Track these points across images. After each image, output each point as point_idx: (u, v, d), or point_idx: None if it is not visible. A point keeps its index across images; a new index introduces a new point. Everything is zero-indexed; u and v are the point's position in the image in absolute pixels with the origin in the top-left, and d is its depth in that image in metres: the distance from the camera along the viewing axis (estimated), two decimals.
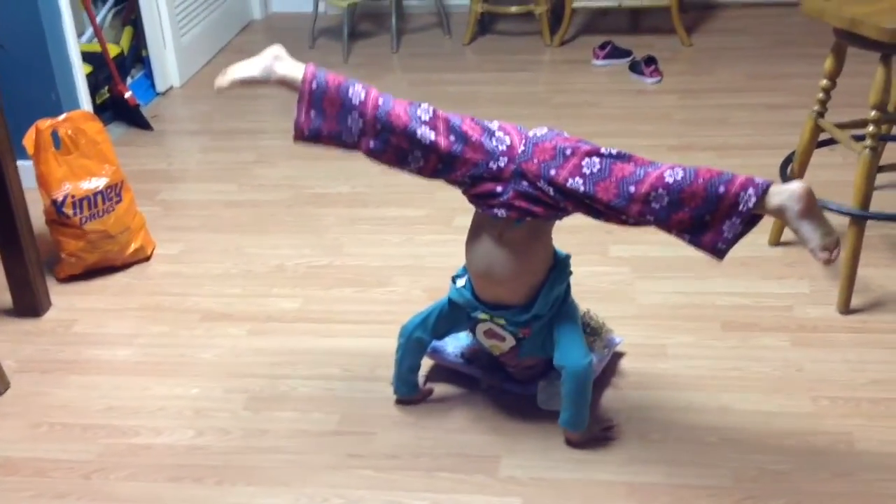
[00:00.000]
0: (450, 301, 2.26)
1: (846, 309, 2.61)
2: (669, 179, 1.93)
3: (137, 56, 4.59)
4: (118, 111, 4.11)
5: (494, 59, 4.83)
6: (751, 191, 1.89)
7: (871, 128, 2.50)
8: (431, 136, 2.00)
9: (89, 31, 4.19)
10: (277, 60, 2.07)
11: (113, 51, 4.13)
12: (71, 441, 2.30)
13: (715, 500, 2.02)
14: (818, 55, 2.74)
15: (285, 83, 2.06)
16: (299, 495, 2.10)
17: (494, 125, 2.07)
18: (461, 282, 2.24)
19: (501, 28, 5.21)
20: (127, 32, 4.50)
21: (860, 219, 2.55)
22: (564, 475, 2.12)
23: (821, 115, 2.70)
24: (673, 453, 2.16)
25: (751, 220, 1.94)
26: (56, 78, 3.59)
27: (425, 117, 2.01)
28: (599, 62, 4.60)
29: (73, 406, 2.42)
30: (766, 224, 2.96)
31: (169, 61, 4.52)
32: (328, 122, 2.03)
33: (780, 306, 2.65)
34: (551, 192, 1.99)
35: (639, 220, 1.98)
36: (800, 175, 2.80)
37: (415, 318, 2.30)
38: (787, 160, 2.85)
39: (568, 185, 1.97)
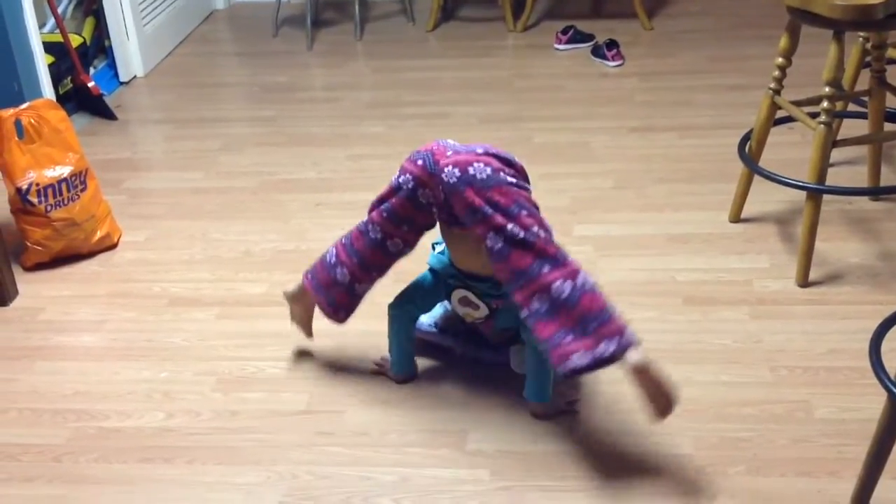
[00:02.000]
0: (430, 268, 2.32)
1: (804, 282, 2.67)
2: (555, 293, 1.99)
3: (100, 46, 4.58)
4: (81, 101, 4.10)
5: (458, 45, 4.85)
6: (613, 345, 1.97)
7: (825, 104, 2.55)
8: (398, 241, 2.21)
9: (51, 21, 4.18)
10: (296, 300, 2.44)
11: (75, 41, 4.11)
12: (40, 426, 2.31)
13: (676, 466, 2.07)
14: (776, 36, 2.78)
15: (308, 298, 2.41)
16: (270, 473, 2.13)
17: (409, 185, 2.11)
18: (440, 248, 2.30)
19: (464, 14, 5.23)
20: (89, 23, 4.49)
21: (816, 193, 2.61)
22: (530, 447, 2.15)
23: (777, 92, 2.75)
24: (635, 424, 2.20)
25: (603, 365, 2.01)
26: (18, 68, 3.58)
27: (379, 235, 2.21)
28: (562, 47, 4.64)
29: (41, 391, 2.43)
30: (727, 200, 3.03)
31: (132, 51, 4.51)
32: (348, 303, 2.34)
33: (739, 280, 2.71)
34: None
35: (519, 306, 2.06)
36: (757, 152, 2.85)
37: (400, 294, 2.36)
38: (746, 138, 2.91)
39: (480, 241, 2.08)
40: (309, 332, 2.49)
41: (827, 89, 2.54)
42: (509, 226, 2.01)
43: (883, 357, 1.81)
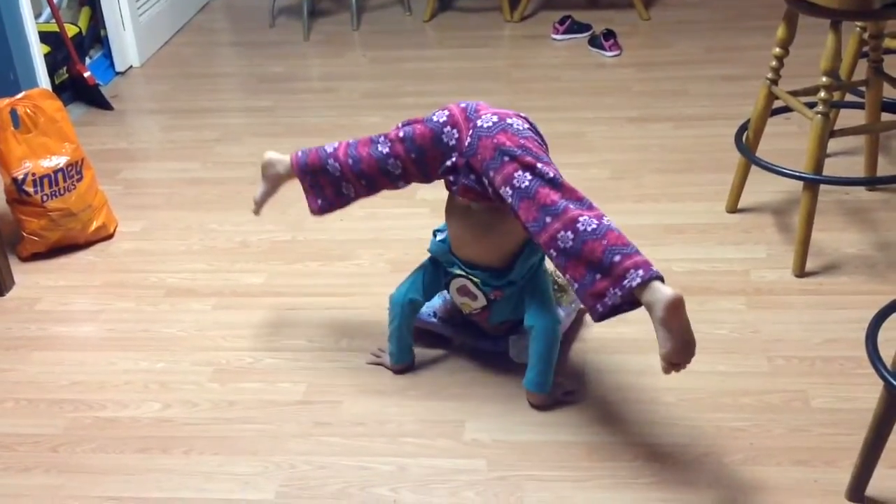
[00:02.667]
0: (430, 255, 2.32)
1: (801, 272, 2.67)
2: (580, 227, 1.97)
3: (96, 36, 4.56)
4: (77, 91, 4.09)
5: (454, 35, 4.84)
6: (640, 272, 1.92)
7: (822, 94, 2.54)
8: (399, 164, 2.18)
9: (47, 11, 4.16)
10: (271, 167, 2.39)
11: (71, 31, 4.10)
12: (37, 416, 2.31)
13: (673, 456, 2.07)
14: (773, 26, 2.78)
15: (287, 179, 2.39)
16: (267, 463, 2.13)
17: (441, 119, 2.12)
18: (441, 235, 2.31)
19: (461, 4, 5.22)
20: (84, 12, 4.48)
21: (813, 183, 2.60)
22: (527, 437, 2.16)
23: (774, 82, 2.75)
24: (633, 414, 2.21)
25: (632, 302, 1.97)
26: (14, 58, 3.57)
27: (386, 150, 2.18)
28: (559, 37, 4.64)
29: (38, 382, 2.43)
30: (723, 191, 3.03)
31: (128, 41, 4.50)
32: (331, 199, 2.32)
33: (737, 271, 2.71)
34: (490, 190, 2.08)
35: (544, 252, 2.04)
36: (755, 143, 2.85)
37: (403, 283, 2.35)
38: (743, 128, 2.90)
39: (501, 191, 2.04)
40: (260, 208, 2.49)
41: (824, 79, 2.54)
42: (539, 165, 2.02)
43: (879, 347, 1.82)
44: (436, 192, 2.25)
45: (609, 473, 2.04)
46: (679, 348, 1.93)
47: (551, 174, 2.02)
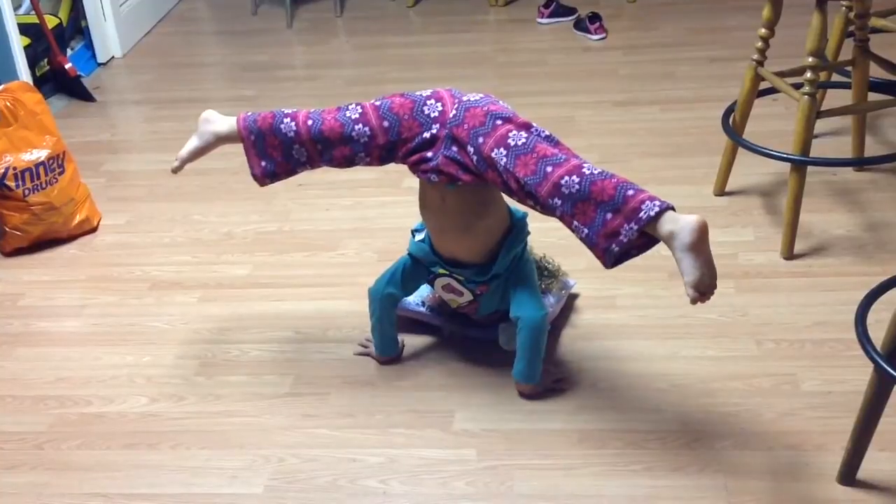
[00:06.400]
0: (410, 255, 2.29)
1: (789, 254, 2.66)
2: (586, 171, 1.93)
3: (77, 27, 4.52)
4: (59, 83, 4.05)
5: (439, 20, 4.82)
6: (657, 203, 1.87)
7: (808, 74, 2.53)
8: (367, 131, 2.07)
9: (26, 2, 4.12)
10: (208, 124, 2.19)
11: (51, 22, 4.06)
12: (22, 413, 2.29)
13: (663, 442, 2.06)
14: (758, 7, 2.77)
15: (225, 140, 2.18)
16: (255, 456, 2.11)
17: (425, 94, 2.09)
18: (420, 235, 2.27)
19: None
20: (65, 3, 4.44)
21: (801, 164, 2.59)
22: (517, 426, 2.14)
23: (760, 64, 2.73)
24: (622, 400, 2.19)
25: (645, 242, 1.92)
26: None
27: (355, 115, 2.09)
28: (544, 21, 4.61)
29: (23, 378, 2.41)
30: (711, 173, 3.01)
31: (109, 32, 4.46)
32: (278, 163, 2.15)
33: (725, 254, 2.68)
34: (475, 159, 1.99)
35: (545, 205, 1.96)
36: (741, 125, 2.84)
37: (381, 277, 2.31)
38: (729, 110, 2.89)
39: (492, 154, 1.96)
40: (182, 165, 2.24)
41: (810, 60, 2.53)
42: (534, 126, 2.00)
43: (868, 328, 1.80)
44: None
45: (599, 461, 2.03)
46: (710, 273, 1.86)
47: (547, 132, 2.00)
